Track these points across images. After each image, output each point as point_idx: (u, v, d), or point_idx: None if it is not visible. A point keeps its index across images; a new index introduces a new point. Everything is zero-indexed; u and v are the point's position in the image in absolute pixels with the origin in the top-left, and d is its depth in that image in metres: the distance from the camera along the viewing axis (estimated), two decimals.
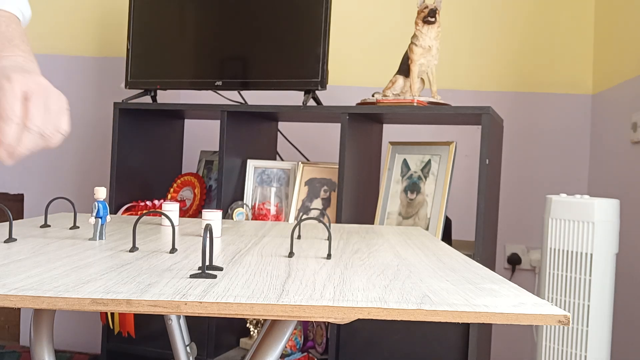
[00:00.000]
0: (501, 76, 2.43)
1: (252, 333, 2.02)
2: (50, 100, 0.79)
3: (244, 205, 1.97)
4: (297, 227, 0.96)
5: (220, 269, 0.67)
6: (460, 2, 2.42)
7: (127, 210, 2.04)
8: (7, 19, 1.04)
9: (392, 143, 1.92)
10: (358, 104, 1.87)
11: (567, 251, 1.59)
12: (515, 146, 2.38)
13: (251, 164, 2.05)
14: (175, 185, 2.16)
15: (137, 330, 1.95)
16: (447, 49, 2.27)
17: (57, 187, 2.59)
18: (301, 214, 1.94)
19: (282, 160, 2.22)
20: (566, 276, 1.59)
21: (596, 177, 2.31)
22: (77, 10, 2.56)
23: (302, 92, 1.88)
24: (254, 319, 1.97)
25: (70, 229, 1.00)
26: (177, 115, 2.24)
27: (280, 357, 0.91)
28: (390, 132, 2.19)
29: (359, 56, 2.47)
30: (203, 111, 2.01)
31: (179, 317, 1.16)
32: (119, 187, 2.05)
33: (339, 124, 1.80)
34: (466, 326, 1.65)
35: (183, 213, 2.09)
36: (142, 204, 2.06)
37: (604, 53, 2.30)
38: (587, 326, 1.55)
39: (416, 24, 1.79)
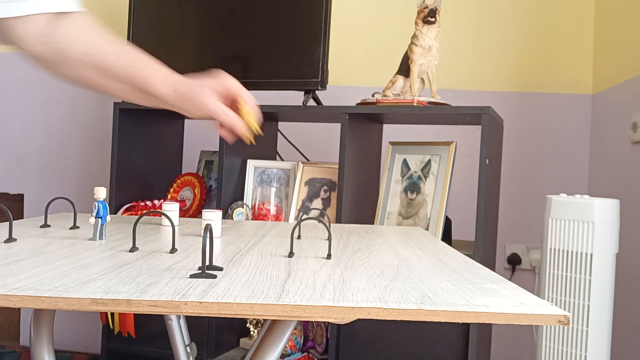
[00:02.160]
0: (501, 76, 2.43)
1: (252, 333, 2.02)
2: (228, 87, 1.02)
3: (244, 205, 1.97)
4: (297, 227, 0.96)
5: (220, 269, 0.67)
6: (461, 2, 2.42)
7: (127, 210, 2.04)
8: (104, 34, 1.11)
9: (392, 143, 1.92)
10: (358, 104, 1.87)
11: (567, 251, 1.59)
12: (515, 146, 2.38)
13: (251, 164, 2.05)
14: (175, 185, 2.16)
15: (137, 330, 1.95)
16: (447, 49, 2.27)
17: (57, 187, 2.59)
18: (301, 214, 1.94)
19: (282, 160, 2.22)
20: (566, 276, 1.59)
21: (596, 177, 2.31)
22: None
23: (302, 92, 1.88)
24: (254, 319, 1.97)
25: (70, 229, 1.00)
26: (177, 115, 2.23)
27: (280, 357, 0.91)
28: (390, 132, 2.19)
29: (359, 56, 2.47)
30: None
31: (179, 317, 1.16)
32: (119, 187, 2.05)
33: (339, 124, 1.80)
34: (466, 326, 1.65)
35: (183, 213, 2.09)
36: (142, 204, 2.06)
37: (604, 53, 2.30)
38: (587, 326, 1.55)
39: (416, 24, 1.79)
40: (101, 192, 0.90)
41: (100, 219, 0.88)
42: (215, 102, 0.99)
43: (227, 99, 1.02)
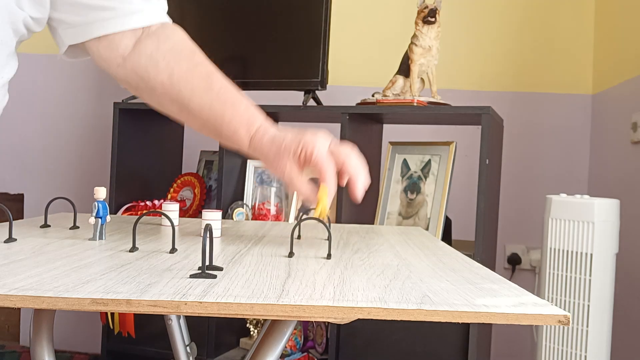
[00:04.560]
0: (501, 76, 2.43)
1: (252, 333, 2.02)
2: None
3: (244, 205, 1.97)
4: (297, 227, 0.96)
5: (220, 269, 0.67)
6: (460, 2, 2.42)
7: (127, 210, 2.04)
8: (195, 57, 1.03)
9: (392, 143, 1.92)
10: (358, 104, 1.87)
11: (567, 251, 1.59)
12: (515, 146, 2.38)
13: (251, 164, 2.05)
14: (175, 185, 2.16)
15: (137, 330, 1.95)
16: (447, 49, 2.27)
17: (57, 187, 2.59)
18: (301, 214, 1.94)
19: None
20: (566, 276, 1.59)
21: (596, 177, 2.31)
22: None
23: (302, 92, 1.88)
24: (254, 319, 1.97)
25: (70, 229, 1.00)
26: None
27: (280, 357, 0.91)
28: (390, 132, 2.19)
29: (359, 56, 2.46)
30: None
31: (179, 317, 1.16)
32: (119, 187, 2.05)
33: (339, 124, 1.80)
34: (466, 326, 1.65)
35: (183, 213, 2.09)
36: (142, 204, 2.06)
37: (604, 53, 2.30)
38: (587, 326, 1.55)
39: (416, 24, 1.79)
40: (101, 192, 0.90)
41: (100, 219, 0.88)
42: (290, 173, 0.90)
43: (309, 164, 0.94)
